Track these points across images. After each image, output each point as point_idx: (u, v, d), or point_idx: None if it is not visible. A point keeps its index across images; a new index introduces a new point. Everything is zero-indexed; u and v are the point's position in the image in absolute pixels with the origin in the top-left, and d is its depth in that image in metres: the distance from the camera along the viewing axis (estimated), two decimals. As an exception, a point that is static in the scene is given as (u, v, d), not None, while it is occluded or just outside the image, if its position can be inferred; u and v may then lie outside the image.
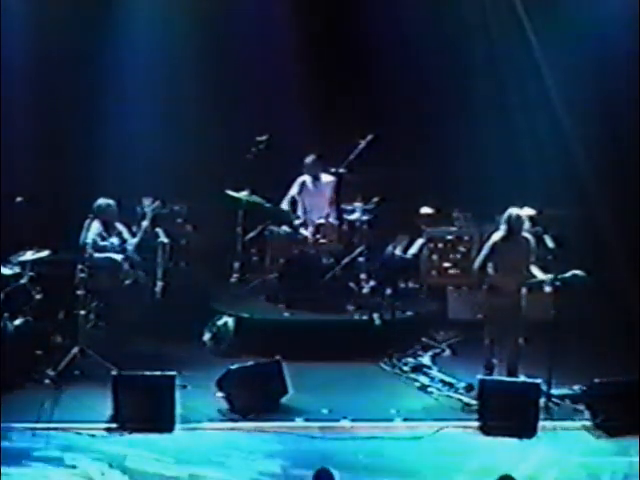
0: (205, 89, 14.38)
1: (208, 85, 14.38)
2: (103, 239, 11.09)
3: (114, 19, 14.17)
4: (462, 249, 13.23)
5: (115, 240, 11.16)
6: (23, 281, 11.20)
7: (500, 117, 14.49)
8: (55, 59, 14.16)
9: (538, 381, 9.85)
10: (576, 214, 13.83)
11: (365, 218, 12.85)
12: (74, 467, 8.87)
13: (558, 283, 10.29)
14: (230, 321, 11.88)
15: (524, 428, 9.53)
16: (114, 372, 10.12)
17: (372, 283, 12.73)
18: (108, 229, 11.14)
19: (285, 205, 13.03)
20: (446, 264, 13.27)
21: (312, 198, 13.00)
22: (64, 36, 14.12)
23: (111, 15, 14.16)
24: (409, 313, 12.36)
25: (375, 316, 11.90)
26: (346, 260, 12.64)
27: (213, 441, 9.46)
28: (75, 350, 10.74)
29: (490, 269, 10.38)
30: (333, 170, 12.95)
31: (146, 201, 12.53)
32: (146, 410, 9.54)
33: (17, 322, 10.73)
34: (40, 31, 14.07)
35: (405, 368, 11.37)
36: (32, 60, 14.09)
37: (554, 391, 10.07)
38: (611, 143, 14.28)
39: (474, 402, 10.02)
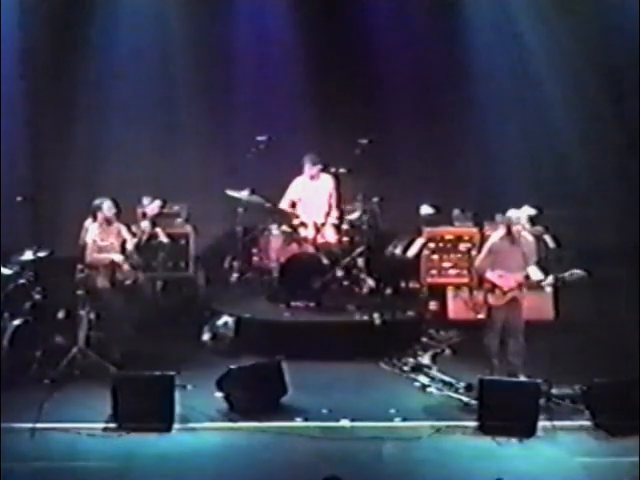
0: (205, 89, 14.39)
1: (208, 85, 14.39)
2: (103, 239, 11.08)
3: (115, 20, 14.18)
4: (462, 249, 13.22)
5: (114, 240, 11.14)
6: (23, 281, 11.19)
7: (501, 117, 14.50)
8: (55, 59, 14.17)
9: (538, 381, 9.84)
10: (576, 214, 13.82)
11: (365, 218, 12.84)
12: (74, 467, 8.87)
13: (558, 283, 10.27)
14: (230, 321, 11.87)
15: (524, 428, 9.52)
16: (114, 372, 10.14)
17: (372, 283, 12.73)
18: (108, 229, 11.12)
19: (284, 206, 13.01)
20: (446, 264, 13.25)
21: (312, 198, 12.99)
22: (64, 37, 14.13)
23: (112, 15, 14.18)
24: (409, 313, 12.35)
25: (375, 316, 11.88)
26: (346, 260, 12.63)
27: (213, 441, 9.46)
28: (75, 350, 10.74)
29: (490, 269, 10.37)
30: (333, 170, 12.94)
31: (146, 201, 12.53)
32: (145, 410, 9.53)
33: (17, 322, 10.71)
34: (40, 31, 14.09)
35: (405, 368, 11.36)
36: (32, 60, 14.10)
37: (554, 391, 10.06)
38: (612, 143, 14.29)
39: (474, 402, 10.02)
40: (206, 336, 11.90)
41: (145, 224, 11.26)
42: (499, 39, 14.26)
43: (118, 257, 11.05)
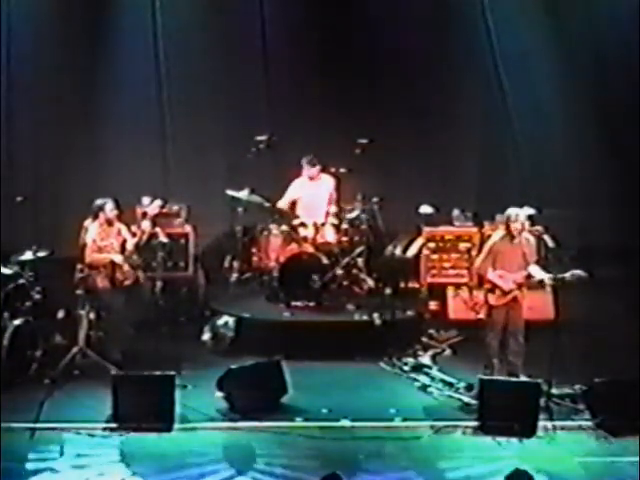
0: (205, 89, 14.40)
1: (208, 85, 14.40)
2: (103, 239, 11.07)
3: (114, 18, 14.20)
4: (462, 249, 13.21)
5: (114, 240, 11.14)
6: (23, 281, 11.18)
7: (501, 117, 14.51)
8: (55, 59, 14.17)
9: (538, 381, 9.85)
10: (576, 214, 13.82)
11: (365, 218, 12.84)
12: (73, 467, 8.87)
13: (558, 283, 10.27)
14: (230, 321, 11.87)
15: (524, 428, 9.52)
16: (114, 372, 10.14)
17: (372, 283, 12.73)
18: (108, 229, 11.12)
19: (283, 205, 12.98)
20: (446, 264, 13.25)
21: (312, 198, 12.98)
22: (64, 36, 14.14)
23: (111, 14, 14.20)
24: (409, 313, 12.35)
25: (375, 316, 11.88)
26: (346, 260, 12.63)
27: (213, 441, 9.46)
28: (75, 350, 10.74)
29: (490, 269, 10.37)
30: (333, 170, 12.95)
31: (146, 201, 12.54)
32: (146, 410, 9.52)
33: (17, 322, 10.70)
34: (39, 31, 14.09)
35: (405, 368, 11.35)
36: (32, 60, 14.11)
37: (554, 391, 10.06)
38: (612, 142, 14.29)
39: (474, 402, 10.02)
40: (206, 336, 11.90)
41: (145, 224, 11.25)
42: (499, 40, 14.26)
43: (118, 257, 11.05)
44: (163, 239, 11.82)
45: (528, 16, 14.23)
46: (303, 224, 12.79)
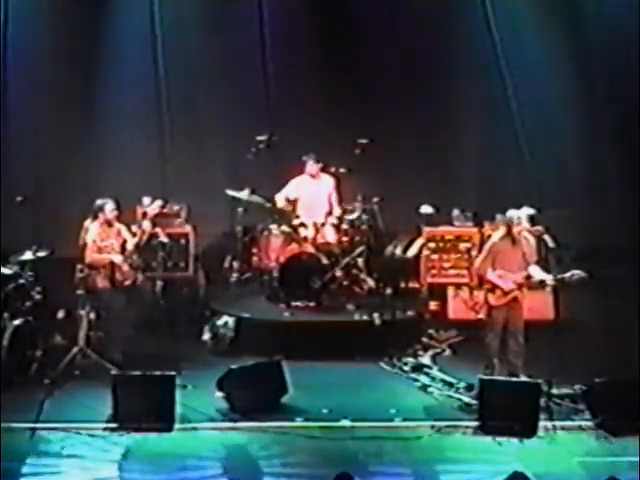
0: (205, 88, 14.40)
1: (208, 84, 14.40)
2: (103, 239, 11.07)
3: (114, 18, 14.20)
4: (462, 249, 13.21)
5: (115, 240, 11.14)
6: (23, 281, 11.18)
7: (501, 117, 14.50)
8: (55, 58, 14.17)
9: (538, 381, 9.85)
10: (576, 214, 13.81)
11: (365, 218, 12.84)
12: (73, 467, 8.87)
13: (558, 283, 10.28)
14: (230, 321, 11.87)
15: (524, 428, 9.52)
16: (114, 372, 10.14)
17: (372, 283, 12.73)
18: (108, 229, 11.12)
19: (279, 201, 12.96)
20: (446, 264, 13.25)
21: (312, 198, 12.98)
22: (64, 36, 14.14)
23: (111, 14, 14.20)
24: (409, 313, 12.35)
25: (375, 316, 11.89)
26: (346, 260, 12.63)
27: (213, 441, 9.46)
28: (75, 350, 10.74)
29: (490, 269, 10.37)
30: (333, 170, 12.94)
31: (146, 201, 12.54)
32: (146, 410, 9.52)
33: (17, 322, 10.70)
34: (40, 30, 14.09)
35: (405, 368, 11.36)
36: (33, 60, 14.11)
37: (554, 391, 10.06)
38: (612, 143, 14.29)
39: (474, 402, 10.02)
40: (206, 336, 11.90)
41: (146, 224, 11.25)
42: (500, 40, 14.26)
43: (117, 258, 11.04)
44: (163, 239, 11.84)
45: (530, 15, 14.23)
46: (303, 224, 12.80)
